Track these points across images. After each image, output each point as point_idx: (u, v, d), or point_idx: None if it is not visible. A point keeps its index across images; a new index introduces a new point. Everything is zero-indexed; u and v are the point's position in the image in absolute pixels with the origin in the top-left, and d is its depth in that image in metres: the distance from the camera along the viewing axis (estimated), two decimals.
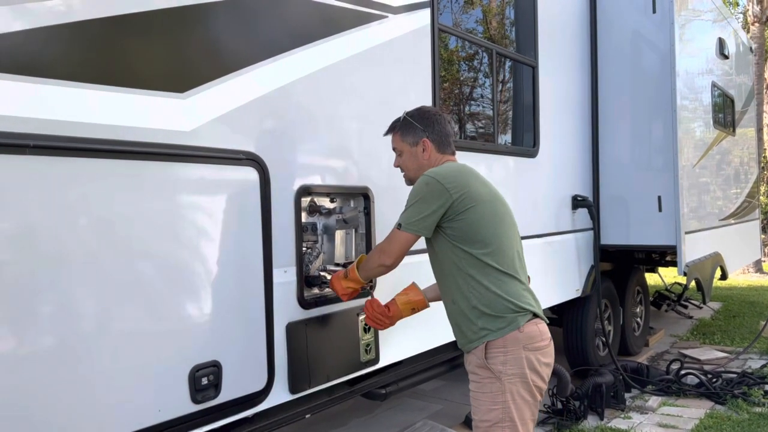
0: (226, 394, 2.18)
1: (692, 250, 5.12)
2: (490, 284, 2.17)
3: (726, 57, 6.65)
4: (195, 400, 2.08)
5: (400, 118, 2.44)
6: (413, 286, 2.52)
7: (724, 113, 6.72)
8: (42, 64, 1.73)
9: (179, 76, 2.07)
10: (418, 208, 2.19)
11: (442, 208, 2.17)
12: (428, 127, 2.37)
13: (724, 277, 6.35)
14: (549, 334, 2.25)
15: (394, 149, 2.47)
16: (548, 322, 2.31)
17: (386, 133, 2.48)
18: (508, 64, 4.32)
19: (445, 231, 2.21)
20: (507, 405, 2.12)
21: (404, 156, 2.42)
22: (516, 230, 2.33)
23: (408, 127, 2.39)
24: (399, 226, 2.23)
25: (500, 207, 2.28)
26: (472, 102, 4.15)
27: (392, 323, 2.50)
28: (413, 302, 2.48)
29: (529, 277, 2.34)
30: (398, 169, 2.50)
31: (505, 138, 4.33)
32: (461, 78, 4.05)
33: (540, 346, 2.18)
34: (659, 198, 4.92)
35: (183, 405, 2.06)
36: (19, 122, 1.67)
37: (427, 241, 2.30)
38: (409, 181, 2.43)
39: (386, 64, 3.02)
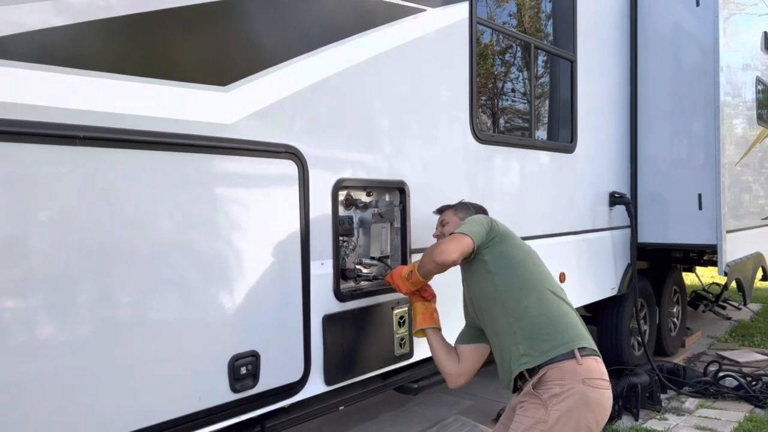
0: (263, 384, 2.22)
1: (733, 249, 4.99)
2: (536, 306, 2.18)
3: None
4: (234, 389, 2.12)
5: (451, 204, 2.71)
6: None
7: None
8: (90, 58, 1.77)
9: (222, 70, 2.10)
10: (472, 224, 2.34)
11: (489, 234, 2.30)
12: (477, 208, 2.68)
13: (766, 277, 6.18)
14: (607, 375, 2.14)
15: (441, 222, 2.66)
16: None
17: (439, 211, 2.72)
18: (545, 58, 4.27)
19: (485, 258, 2.28)
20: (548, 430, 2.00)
21: (447, 226, 2.59)
22: (556, 285, 2.35)
23: (463, 207, 2.65)
24: (460, 232, 2.30)
25: (537, 258, 2.38)
26: (509, 96, 4.11)
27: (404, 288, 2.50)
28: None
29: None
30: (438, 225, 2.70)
31: (542, 133, 4.28)
32: (498, 72, 4.01)
33: (600, 385, 2.06)
34: (699, 196, 4.80)
35: (222, 393, 2.09)
36: (69, 114, 1.71)
37: (468, 278, 2.40)
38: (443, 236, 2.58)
39: (423, 58, 3.01)
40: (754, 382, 4.78)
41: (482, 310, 2.32)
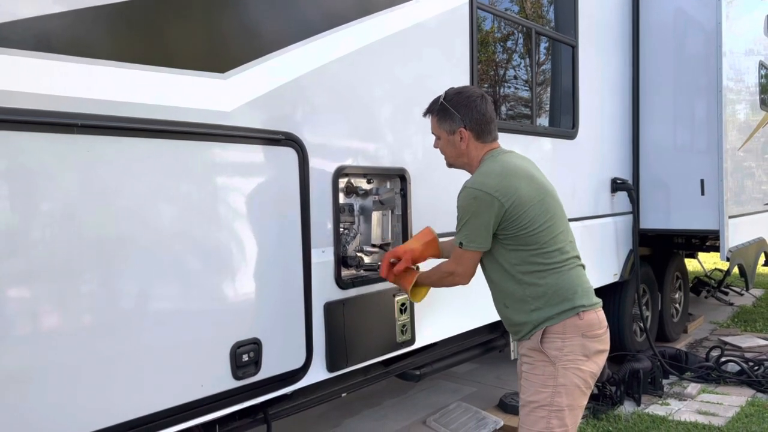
0: (266, 371, 2.22)
1: (735, 234, 4.98)
2: (546, 280, 2.14)
3: None
4: (236, 376, 2.13)
5: (438, 98, 2.30)
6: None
7: None
8: (88, 45, 1.76)
9: (220, 57, 2.09)
10: (473, 224, 2.13)
11: (497, 218, 2.11)
12: (466, 114, 2.22)
13: None
14: (606, 322, 2.22)
15: (432, 133, 2.36)
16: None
17: (425, 114, 2.37)
18: (546, 43, 4.24)
19: (498, 237, 2.16)
20: (557, 390, 2.09)
21: (442, 142, 2.31)
22: (566, 219, 2.28)
23: (445, 114, 2.25)
24: (461, 245, 2.17)
25: (551, 202, 2.20)
26: (510, 82, 4.08)
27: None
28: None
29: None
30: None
31: (544, 119, 4.26)
32: (498, 58, 3.99)
33: (597, 334, 2.15)
34: (702, 181, 4.78)
35: (225, 380, 2.10)
36: (67, 102, 1.71)
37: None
38: (450, 165, 2.38)
39: (423, 44, 2.99)
40: (756, 367, 4.79)
41: (496, 276, 2.24)
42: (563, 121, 4.33)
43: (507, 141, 3.59)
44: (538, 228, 2.13)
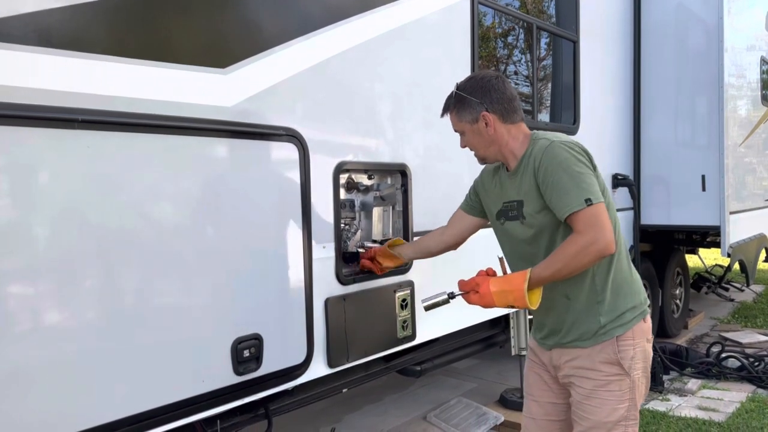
0: (267, 367, 2.22)
1: (736, 230, 4.98)
2: (618, 271, 1.94)
3: None
4: (237, 372, 2.13)
5: (452, 93, 2.06)
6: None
7: None
8: (88, 40, 1.76)
9: (221, 52, 2.08)
10: (587, 175, 1.83)
11: (595, 171, 1.88)
12: (485, 97, 1.97)
13: None
14: None
15: (455, 131, 2.10)
16: None
17: (442, 114, 2.11)
18: (547, 39, 4.23)
19: None
20: (633, 402, 1.93)
21: (467, 136, 2.04)
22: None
23: (462, 103, 2.00)
24: (588, 201, 1.78)
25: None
26: (511, 78, 4.07)
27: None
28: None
29: None
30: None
31: (545, 115, 4.25)
32: (500, 53, 3.98)
33: (651, 338, 2.01)
34: (703, 177, 4.78)
35: (226, 376, 2.10)
36: (67, 97, 1.70)
37: (533, 225, 1.94)
38: (482, 160, 2.10)
39: (424, 39, 2.98)
40: (756, 363, 4.80)
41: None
42: (564, 117, 4.32)
43: None
44: (608, 206, 1.85)
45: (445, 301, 2.03)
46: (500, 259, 2.01)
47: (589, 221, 1.77)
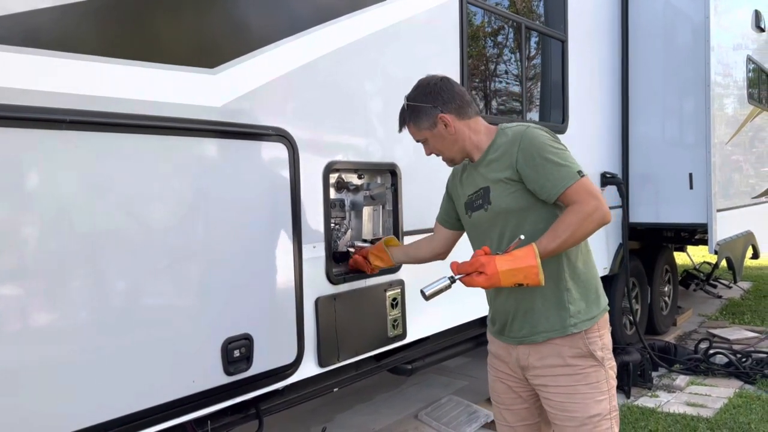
0: (257, 367, 2.22)
1: (724, 228, 5.03)
2: (584, 263, 1.98)
3: (762, 30, 6.43)
4: (227, 372, 2.12)
5: (404, 105, 2.07)
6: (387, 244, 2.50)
7: (759, 88, 6.54)
8: (76, 40, 1.75)
9: (210, 52, 2.08)
10: (568, 153, 1.89)
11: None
12: (436, 99, 2.00)
13: (755, 255, 6.24)
14: None
15: (417, 141, 2.11)
16: None
17: (400, 129, 2.12)
18: (536, 38, 4.25)
19: (558, 202, 1.86)
20: (612, 392, 1.93)
21: (431, 142, 2.06)
22: None
23: (417, 112, 2.02)
24: (581, 173, 1.83)
25: None
26: (500, 77, 4.09)
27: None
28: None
29: None
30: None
31: (534, 114, 4.28)
32: (489, 53, 3.99)
33: (609, 328, 2.03)
34: (690, 175, 4.82)
35: (216, 376, 2.10)
36: (55, 98, 1.69)
37: (496, 211, 1.94)
38: (451, 161, 2.11)
39: (413, 39, 2.99)
40: (743, 359, 4.85)
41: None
42: (553, 116, 4.34)
43: None
44: None
45: (448, 287, 1.96)
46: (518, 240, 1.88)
47: (587, 190, 1.82)
